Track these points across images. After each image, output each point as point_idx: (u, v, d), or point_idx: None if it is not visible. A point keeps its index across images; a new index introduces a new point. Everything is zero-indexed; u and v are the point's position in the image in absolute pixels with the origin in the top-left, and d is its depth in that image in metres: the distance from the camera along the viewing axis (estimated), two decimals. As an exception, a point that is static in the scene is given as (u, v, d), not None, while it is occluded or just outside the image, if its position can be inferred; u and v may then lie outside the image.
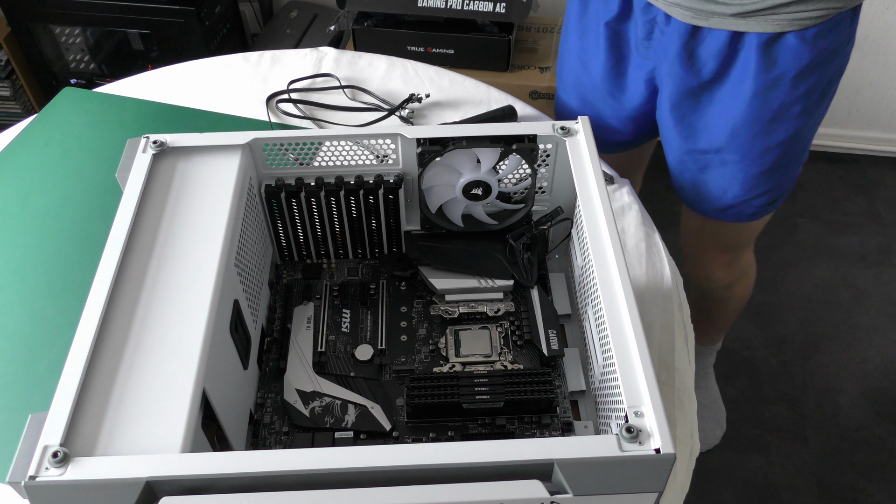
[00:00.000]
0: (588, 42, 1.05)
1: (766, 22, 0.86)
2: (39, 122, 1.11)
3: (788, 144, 0.97)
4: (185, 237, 0.65)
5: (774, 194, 1.05)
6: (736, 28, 0.88)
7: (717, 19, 0.88)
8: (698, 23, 0.89)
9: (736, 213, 1.07)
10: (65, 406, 0.53)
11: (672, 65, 0.95)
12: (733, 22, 0.87)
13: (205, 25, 1.80)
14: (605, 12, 1.00)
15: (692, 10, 0.89)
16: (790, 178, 1.04)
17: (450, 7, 1.57)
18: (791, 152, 0.99)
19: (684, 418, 0.79)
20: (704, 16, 0.89)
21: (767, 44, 0.87)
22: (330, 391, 0.72)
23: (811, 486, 1.50)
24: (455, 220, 0.79)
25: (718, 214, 1.08)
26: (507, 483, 0.49)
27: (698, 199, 1.09)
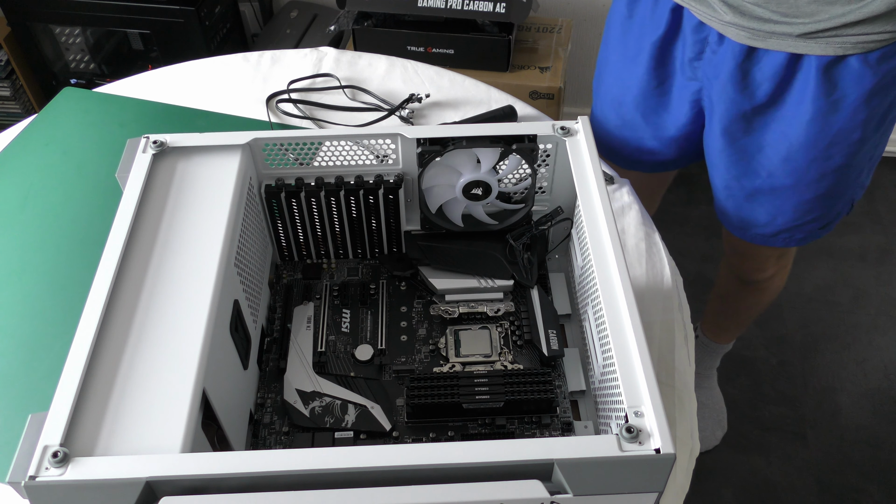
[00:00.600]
0: (630, 60, 1.02)
1: (828, 44, 0.83)
2: (39, 122, 1.11)
3: (845, 170, 0.93)
4: (185, 237, 0.65)
5: (827, 219, 1.01)
6: (796, 50, 0.84)
7: (775, 40, 0.85)
8: (755, 44, 0.86)
9: (785, 238, 1.04)
10: (65, 406, 0.53)
11: (724, 86, 0.91)
12: (793, 44, 0.84)
13: (205, 25, 1.80)
14: (651, 30, 0.96)
15: (749, 31, 0.85)
16: (845, 203, 1.01)
17: (450, 7, 1.57)
18: (847, 178, 0.95)
19: (684, 418, 0.79)
20: (763, 36, 0.85)
21: (828, 67, 0.84)
22: (330, 391, 0.72)
23: (811, 486, 1.50)
24: (455, 220, 0.79)
25: (765, 240, 1.05)
26: (507, 483, 0.49)
27: (743, 226, 1.05)
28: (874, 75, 0.84)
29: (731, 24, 0.86)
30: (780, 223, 1.01)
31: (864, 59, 0.83)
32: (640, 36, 0.99)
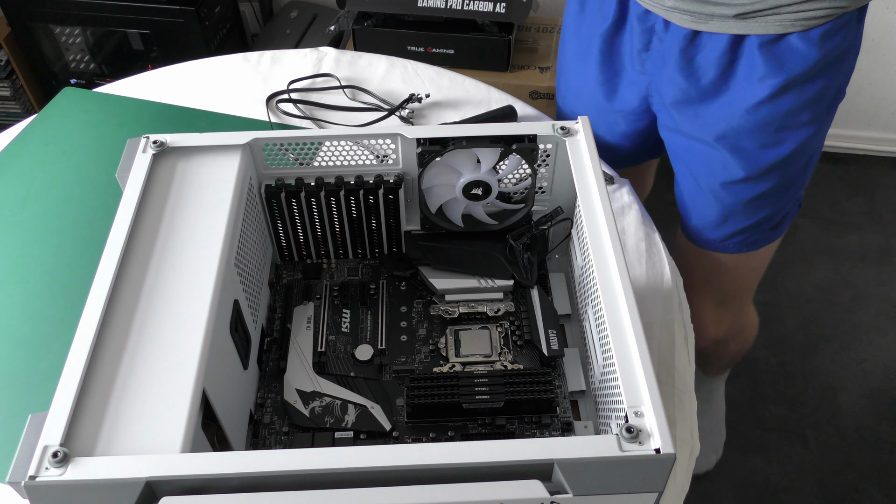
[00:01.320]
0: (583, 55, 1.02)
1: (768, 23, 0.83)
2: (39, 122, 1.11)
3: (795, 158, 0.92)
4: (185, 237, 0.65)
5: (778, 217, 1.00)
6: (737, 31, 0.84)
7: (717, 22, 0.85)
8: (698, 27, 0.86)
9: (736, 241, 1.02)
10: (65, 406, 0.53)
11: (672, 73, 0.91)
12: (734, 24, 0.84)
13: (205, 25, 1.80)
14: (600, 21, 0.96)
15: (691, 14, 0.86)
16: (793, 199, 1.00)
17: (450, 7, 1.57)
18: (796, 168, 0.94)
19: (684, 418, 0.79)
20: (704, 19, 0.85)
21: (770, 45, 0.84)
22: (330, 391, 0.72)
23: (811, 486, 1.50)
24: (455, 220, 0.79)
25: (717, 245, 1.03)
26: (507, 483, 0.49)
27: (697, 225, 1.03)
28: (818, 53, 0.83)
29: (674, 9, 0.86)
30: (732, 221, 0.99)
31: (806, 36, 0.82)
32: (590, 29, 0.99)
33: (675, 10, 0.87)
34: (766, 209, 0.98)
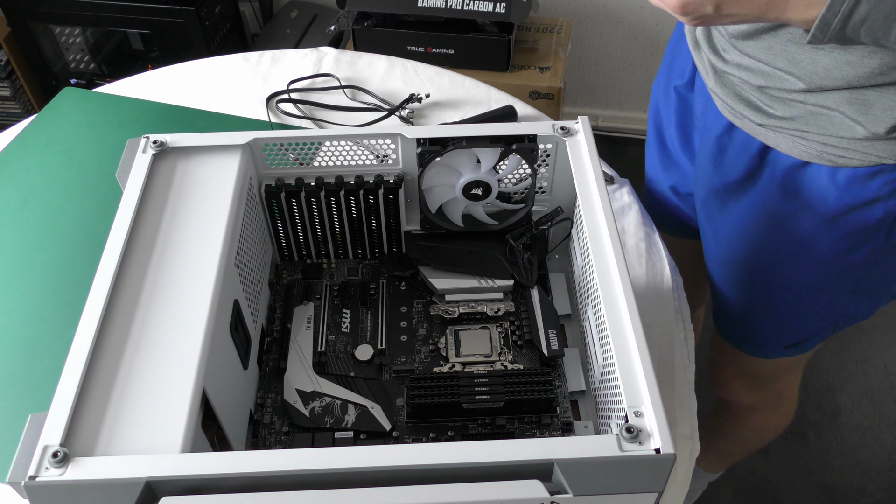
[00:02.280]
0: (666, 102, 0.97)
1: (794, 145, 0.75)
2: (39, 122, 1.11)
3: (812, 289, 0.84)
4: (185, 237, 0.65)
5: (800, 335, 0.91)
6: (765, 140, 0.77)
7: (749, 123, 0.78)
8: (732, 119, 0.80)
9: (738, 339, 0.97)
10: (65, 406, 0.53)
11: (703, 156, 0.86)
12: (762, 132, 0.77)
13: (205, 25, 1.80)
14: (678, 75, 0.92)
15: (727, 105, 0.79)
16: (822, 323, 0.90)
17: (450, 7, 1.57)
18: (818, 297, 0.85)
19: (684, 418, 0.79)
20: (738, 116, 0.78)
21: (793, 169, 0.75)
22: (330, 391, 0.72)
23: (811, 486, 1.50)
24: (455, 220, 0.79)
25: (735, 340, 0.97)
26: (507, 483, 0.49)
27: (718, 315, 0.97)
28: (840, 198, 0.74)
29: (714, 93, 0.81)
30: (747, 327, 0.92)
31: (832, 174, 0.74)
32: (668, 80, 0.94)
33: (715, 94, 0.82)
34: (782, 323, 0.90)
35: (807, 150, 0.74)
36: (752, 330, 0.95)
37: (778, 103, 0.75)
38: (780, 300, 0.88)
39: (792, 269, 0.84)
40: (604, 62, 2.06)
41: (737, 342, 0.98)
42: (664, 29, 1.94)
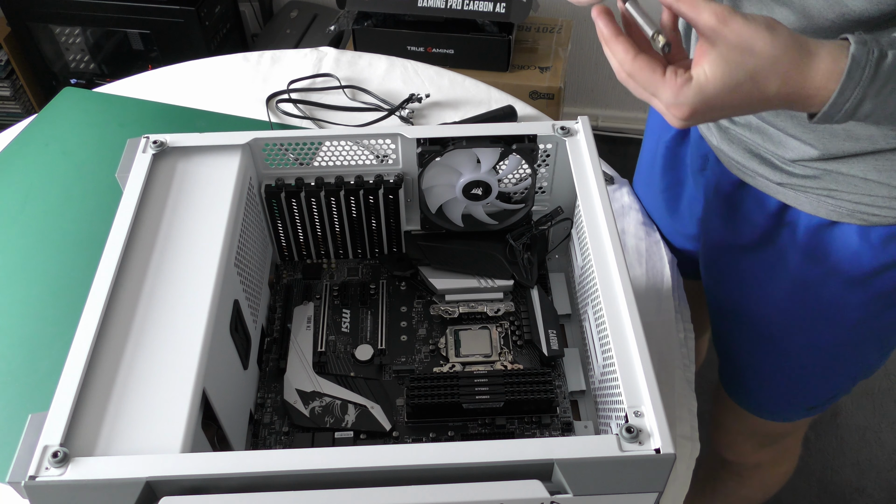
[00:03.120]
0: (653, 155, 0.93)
1: (820, 204, 0.69)
2: (39, 122, 1.11)
3: (839, 349, 0.79)
4: (185, 237, 0.65)
5: (817, 399, 0.87)
6: (784, 199, 0.72)
7: (763, 181, 0.73)
8: (744, 178, 0.75)
9: (757, 405, 0.92)
10: (65, 406, 0.53)
11: (710, 214, 0.81)
12: (780, 191, 0.72)
13: (205, 25, 1.80)
14: (665, 128, 0.87)
15: (736, 163, 0.74)
16: (844, 381, 0.86)
17: (450, 7, 1.57)
18: (841, 357, 0.81)
19: (684, 418, 0.79)
20: (750, 174, 0.74)
21: (819, 229, 0.70)
22: (330, 391, 0.72)
23: (811, 485, 1.50)
24: (455, 220, 0.79)
25: (749, 405, 0.92)
26: (507, 483, 0.49)
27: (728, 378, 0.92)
28: (875, 258, 0.69)
29: (720, 150, 0.77)
30: (759, 390, 0.88)
31: (864, 233, 0.69)
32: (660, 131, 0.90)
33: (721, 151, 0.77)
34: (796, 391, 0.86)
35: (835, 209, 0.69)
36: (769, 394, 0.89)
37: (797, 166, 0.70)
38: (803, 364, 0.83)
39: (817, 332, 0.78)
40: (604, 62, 2.05)
41: (752, 408, 0.93)
42: (664, 29, 1.94)
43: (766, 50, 0.51)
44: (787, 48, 0.52)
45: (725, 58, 0.52)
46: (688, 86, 0.53)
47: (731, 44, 0.51)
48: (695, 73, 0.53)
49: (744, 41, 0.51)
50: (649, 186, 0.96)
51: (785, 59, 0.52)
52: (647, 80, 0.54)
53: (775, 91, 0.53)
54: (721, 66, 0.52)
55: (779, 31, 0.52)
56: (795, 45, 0.52)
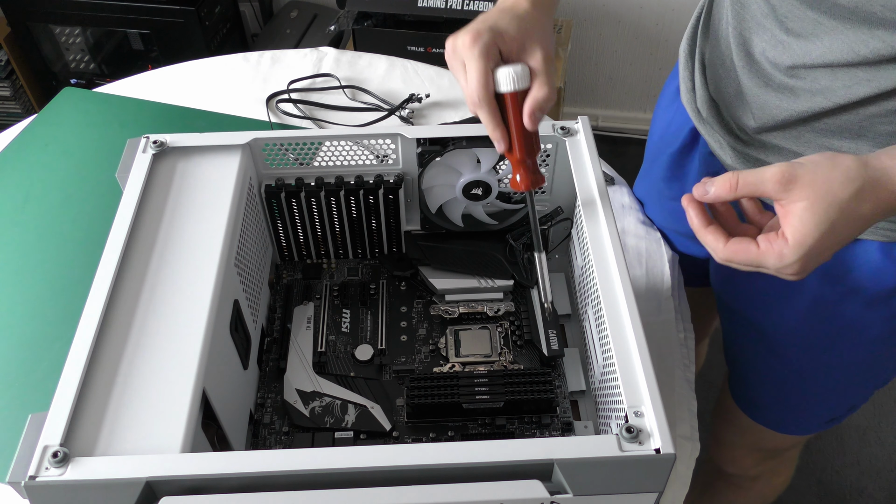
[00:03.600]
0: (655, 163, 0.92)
1: None
2: (39, 122, 1.11)
3: (856, 368, 0.79)
4: (185, 237, 0.65)
5: (828, 416, 0.87)
6: None
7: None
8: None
9: (776, 420, 0.90)
10: (65, 406, 0.53)
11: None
12: None
13: (205, 25, 1.80)
14: (671, 138, 0.86)
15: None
16: (860, 393, 0.86)
17: (450, 7, 1.57)
18: (859, 373, 0.81)
19: (684, 418, 0.79)
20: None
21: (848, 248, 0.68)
22: (330, 391, 0.72)
23: (811, 485, 1.50)
24: (455, 220, 0.79)
25: (753, 412, 0.92)
26: (507, 483, 0.49)
27: (742, 395, 0.91)
28: None
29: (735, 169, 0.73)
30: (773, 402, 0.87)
31: (888, 250, 0.68)
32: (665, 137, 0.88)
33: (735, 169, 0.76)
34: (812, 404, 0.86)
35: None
36: (786, 409, 0.89)
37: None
38: (822, 381, 0.82)
39: (836, 351, 0.78)
40: (604, 62, 2.06)
41: (769, 423, 0.92)
42: (664, 29, 1.94)
43: (842, 184, 0.52)
44: (858, 172, 0.52)
45: (810, 208, 0.52)
46: (787, 247, 0.53)
47: (809, 195, 0.52)
48: (788, 232, 0.53)
49: (818, 187, 0.52)
50: (651, 193, 0.96)
51: (862, 181, 0.52)
52: (746, 259, 0.55)
53: (870, 211, 0.53)
54: (809, 216, 0.52)
55: (841, 159, 0.53)
56: (863, 164, 0.53)
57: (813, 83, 0.65)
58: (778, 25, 0.65)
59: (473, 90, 0.58)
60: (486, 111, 0.59)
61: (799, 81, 0.66)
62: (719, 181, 0.55)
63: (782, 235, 0.53)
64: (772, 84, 0.68)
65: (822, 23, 0.62)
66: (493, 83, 0.59)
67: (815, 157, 0.53)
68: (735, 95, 0.73)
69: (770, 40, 0.67)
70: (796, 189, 0.52)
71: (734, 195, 0.55)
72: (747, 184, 0.54)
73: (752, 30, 0.69)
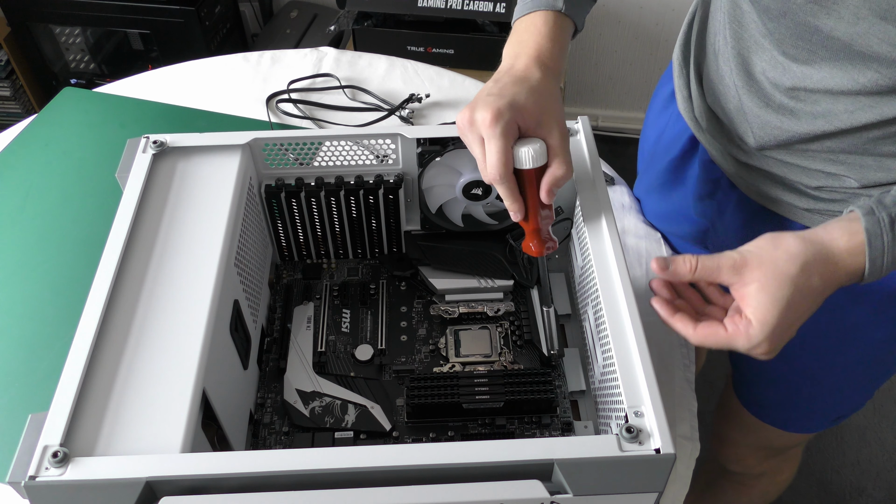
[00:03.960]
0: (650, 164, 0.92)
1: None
2: (39, 122, 1.11)
3: (864, 367, 0.80)
4: (185, 237, 0.65)
5: (835, 414, 0.88)
6: (809, 223, 0.72)
7: (787, 206, 0.73)
8: (764, 203, 0.75)
9: (783, 419, 0.91)
10: (65, 406, 0.53)
11: (728, 242, 0.79)
12: (807, 216, 0.72)
13: (205, 25, 1.80)
14: (669, 145, 0.86)
15: (758, 190, 0.74)
16: (861, 396, 0.87)
17: (450, 7, 1.57)
18: (866, 375, 0.82)
19: (684, 418, 0.79)
20: (771, 202, 0.73)
21: None
22: (330, 391, 0.72)
23: (811, 485, 1.50)
24: (455, 220, 0.79)
25: (760, 412, 0.92)
26: (507, 483, 0.49)
27: (742, 387, 0.92)
28: None
29: (739, 177, 0.76)
30: (780, 401, 0.88)
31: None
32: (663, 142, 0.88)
33: (740, 178, 0.76)
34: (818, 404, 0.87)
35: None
36: (794, 410, 0.90)
37: (824, 191, 0.70)
38: (828, 382, 0.83)
39: (842, 353, 0.79)
40: (604, 62, 2.06)
41: (775, 421, 0.93)
42: (664, 29, 1.94)
43: (787, 261, 0.55)
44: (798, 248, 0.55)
45: (763, 288, 0.55)
46: (752, 327, 0.56)
47: (759, 277, 0.55)
48: (749, 313, 0.56)
49: (766, 267, 0.55)
50: (650, 198, 0.96)
51: (804, 256, 0.55)
52: (716, 342, 0.58)
53: (821, 284, 0.56)
54: (764, 295, 0.55)
55: (781, 240, 0.56)
56: (802, 240, 0.56)
57: (814, 105, 0.65)
58: (776, 48, 0.65)
59: (494, 168, 0.59)
60: (506, 187, 0.61)
61: (800, 103, 0.66)
62: (679, 261, 0.58)
63: (746, 317, 0.56)
64: (772, 104, 0.68)
65: (818, 52, 0.62)
66: (512, 160, 0.60)
67: (759, 242, 0.57)
68: (735, 112, 0.73)
69: (770, 60, 0.66)
70: (746, 272, 0.56)
71: (692, 277, 0.58)
72: (704, 268, 0.57)
73: (752, 49, 0.68)
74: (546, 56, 0.64)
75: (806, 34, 0.62)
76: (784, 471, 1.09)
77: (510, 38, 0.68)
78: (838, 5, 0.58)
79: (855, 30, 0.58)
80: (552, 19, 0.66)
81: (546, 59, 0.64)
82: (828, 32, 0.60)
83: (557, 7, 0.66)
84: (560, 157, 0.61)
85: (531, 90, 0.61)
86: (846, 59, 0.60)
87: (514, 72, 0.63)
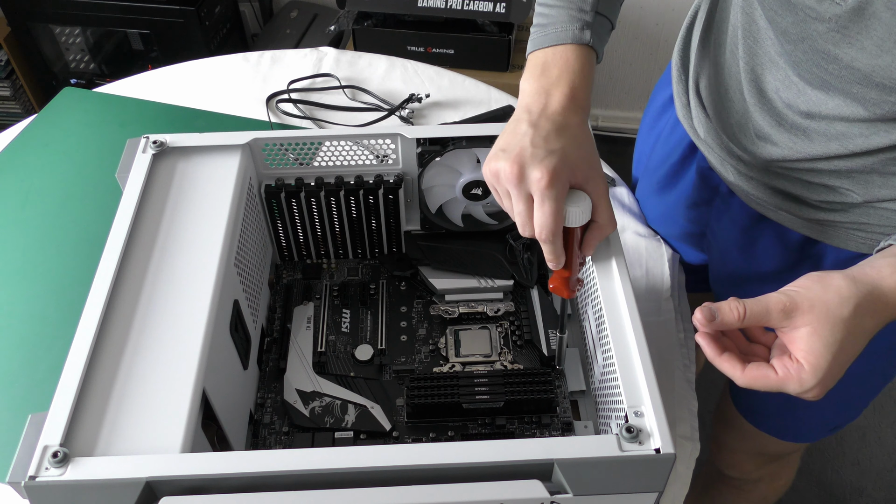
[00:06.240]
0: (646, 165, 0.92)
1: (848, 237, 0.70)
2: (39, 122, 1.11)
3: (861, 377, 0.79)
4: (184, 237, 0.65)
5: (832, 424, 0.89)
6: (809, 233, 0.72)
7: (787, 216, 0.73)
8: (764, 212, 0.75)
9: (779, 428, 0.91)
10: (65, 406, 0.53)
11: (728, 247, 0.80)
12: (807, 226, 0.72)
13: (205, 25, 1.80)
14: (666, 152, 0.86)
15: (758, 199, 0.74)
16: (858, 405, 0.88)
17: (450, 7, 1.57)
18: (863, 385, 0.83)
19: (684, 418, 0.79)
20: (772, 209, 0.74)
21: (846, 262, 0.68)
22: (330, 391, 0.72)
23: (811, 486, 1.50)
24: (455, 220, 0.79)
25: (756, 420, 0.92)
26: (507, 483, 0.49)
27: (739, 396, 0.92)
28: None
29: (738, 187, 0.76)
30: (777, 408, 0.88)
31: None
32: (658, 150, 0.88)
33: (740, 188, 0.76)
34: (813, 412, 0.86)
35: (866, 241, 0.70)
36: (792, 419, 0.89)
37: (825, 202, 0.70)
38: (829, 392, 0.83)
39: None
40: (604, 62, 2.05)
41: (773, 431, 0.93)
42: (664, 29, 1.94)
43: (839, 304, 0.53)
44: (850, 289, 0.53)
45: (815, 333, 0.53)
46: (804, 371, 0.54)
47: (812, 321, 0.53)
48: (801, 357, 0.54)
49: (818, 311, 0.53)
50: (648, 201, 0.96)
51: (857, 297, 0.53)
52: (766, 385, 0.55)
53: (872, 324, 0.54)
54: (816, 340, 0.53)
55: (830, 280, 0.54)
56: (852, 280, 0.54)
57: (829, 127, 0.64)
58: (792, 68, 0.64)
59: (548, 229, 0.57)
60: (555, 245, 0.59)
61: (813, 123, 0.65)
62: (725, 310, 0.55)
63: (797, 361, 0.54)
64: (784, 124, 0.67)
65: (833, 82, 0.60)
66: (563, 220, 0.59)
67: (806, 282, 0.54)
68: (738, 126, 0.72)
69: (784, 80, 0.65)
70: (797, 316, 0.53)
71: (741, 324, 0.55)
72: (753, 314, 0.54)
73: (766, 66, 0.67)
74: (581, 95, 0.62)
75: (823, 62, 0.60)
76: (782, 476, 1.09)
77: (532, 68, 0.65)
78: (862, 36, 0.56)
79: (877, 62, 0.56)
80: (583, 54, 0.64)
81: (581, 98, 0.62)
82: (848, 62, 0.58)
83: (585, 40, 0.64)
84: (605, 212, 0.60)
85: (576, 143, 0.59)
86: (864, 88, 0.59)
87: (551, 115, 0.61)
